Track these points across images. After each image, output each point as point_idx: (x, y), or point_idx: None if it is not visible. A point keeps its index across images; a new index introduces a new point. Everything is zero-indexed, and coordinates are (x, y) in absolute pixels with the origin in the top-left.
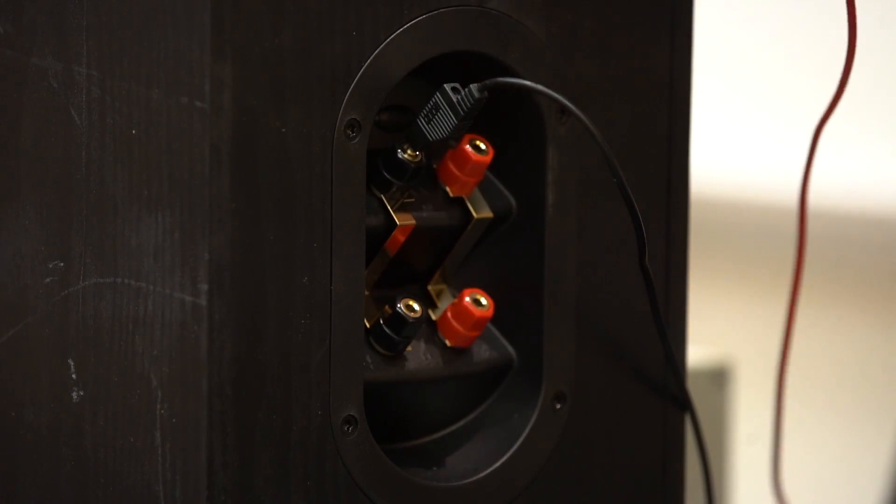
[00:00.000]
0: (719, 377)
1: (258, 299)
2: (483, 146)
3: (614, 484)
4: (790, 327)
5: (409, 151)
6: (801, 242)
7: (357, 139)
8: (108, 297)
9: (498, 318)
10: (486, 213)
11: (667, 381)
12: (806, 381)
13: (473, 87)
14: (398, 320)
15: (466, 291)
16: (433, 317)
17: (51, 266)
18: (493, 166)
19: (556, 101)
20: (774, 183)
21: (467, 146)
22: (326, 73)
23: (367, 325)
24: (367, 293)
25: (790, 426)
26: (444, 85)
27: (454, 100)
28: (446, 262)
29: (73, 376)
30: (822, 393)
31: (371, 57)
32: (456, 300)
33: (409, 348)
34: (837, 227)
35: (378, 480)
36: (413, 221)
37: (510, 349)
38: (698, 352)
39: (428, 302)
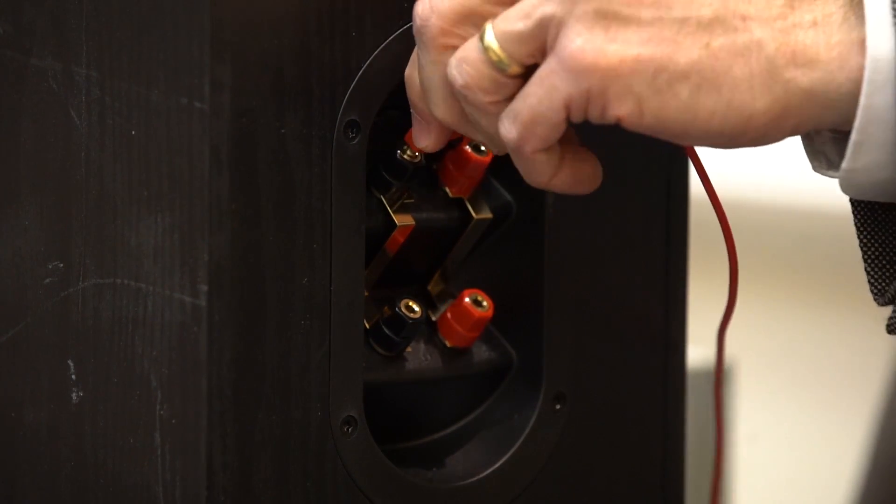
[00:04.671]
0: None
1: (258, 299)
2: (483, 147)
3: (614, 484)
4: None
5: (408, 152)
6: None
7: (357, 139)
8: (107, 297)
9: (498, 318)
10: (486, 214)
11: (667, 381)
12: (805, 381)
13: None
14: (398, 321)
15: (466, 292)
16: (433, 317)
17: (51, 266)
18: (493, 166)
19: None
20: (774, 183)
21: (467, 147)
22: (326, 74)
23: (367, 326)
24: (366, 293)
25: (790, 426)
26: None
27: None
28: (446, 262)
29: (73, 377)
30: (822, 393)
31: (371, 57)
32: (456, 301)
33: (408, 349)
34: (837, 227)
35: (378, 481)
36: (412, 222)
37: (510, 349)
38: (698, 352)
39: (428, 302)
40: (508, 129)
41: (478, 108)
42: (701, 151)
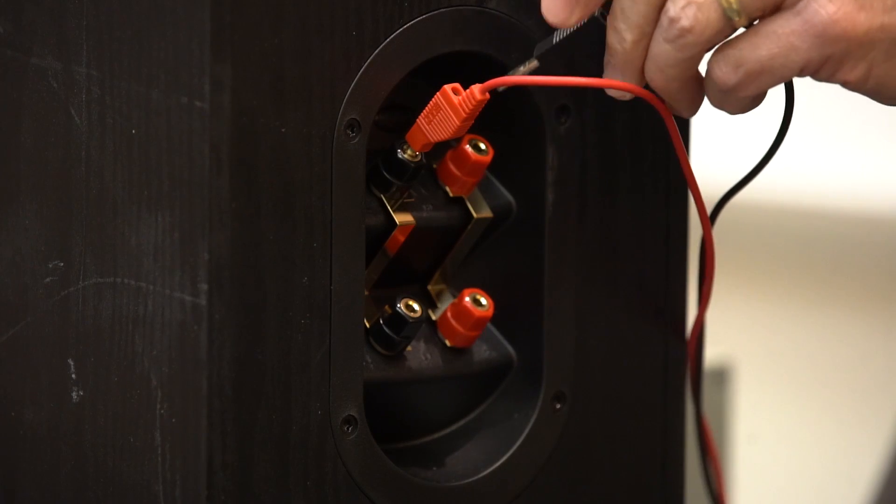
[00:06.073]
0: (719, 377)
1: (258, 299)
2: (483, 146)
3: (614, 484)
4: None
5: (408, 151)
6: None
7: (357, 139)
8: (107, 296)
9: (498, 318)
10: (486, 213)
11: (667, 381)
12: (805, 381)
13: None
14: (398, 320)
15: (466, 291)
16: (433, 317)
17: (51, 266)
18: (493, 166)
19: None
20: (773, 183)
21: (467, 146)
22: (326, 73)
23: (367, 325)
24: (367, 293)
25: (790, 426)
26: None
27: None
28: (446, 262)
29: (73, 376)
30: (822, 393)
31: (371, 57)
32: (456, 300)
33: (409, 348)
34: (837, 227)
35: (378, 480)
36: (413, 221)
37: (510, 349)
38: None
39: (428, 302)
40: (727, 73)
41: (682, 49)
42: (700, 151)
